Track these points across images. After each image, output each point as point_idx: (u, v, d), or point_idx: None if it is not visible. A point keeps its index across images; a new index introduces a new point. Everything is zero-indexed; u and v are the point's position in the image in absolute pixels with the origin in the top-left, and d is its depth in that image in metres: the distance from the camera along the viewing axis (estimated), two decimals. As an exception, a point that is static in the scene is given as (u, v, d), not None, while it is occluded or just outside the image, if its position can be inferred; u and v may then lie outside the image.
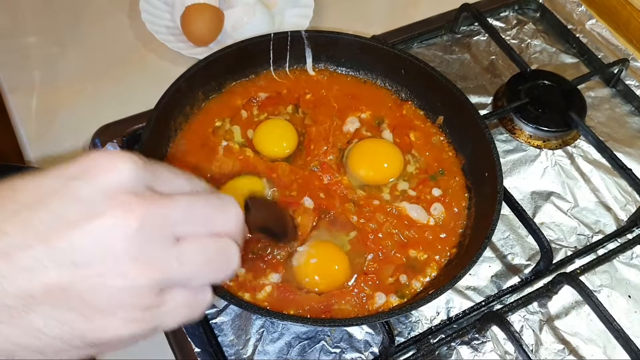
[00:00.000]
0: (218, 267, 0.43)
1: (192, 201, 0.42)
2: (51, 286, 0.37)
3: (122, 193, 0.39)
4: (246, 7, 0.99)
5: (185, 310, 0.43)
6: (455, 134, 0.85)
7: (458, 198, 0.80)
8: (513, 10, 1.12)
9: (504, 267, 0.82)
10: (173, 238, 0.40)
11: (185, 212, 0.41)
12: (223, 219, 0.43)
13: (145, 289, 0.39)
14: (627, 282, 0.83)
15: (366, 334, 0.74)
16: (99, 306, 0.38)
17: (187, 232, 0.41)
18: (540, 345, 0.76)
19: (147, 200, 0.39)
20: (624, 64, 1.01)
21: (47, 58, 0.99)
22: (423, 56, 1.03)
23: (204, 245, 0.42)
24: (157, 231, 0.39)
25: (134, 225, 0.38)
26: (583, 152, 0.94)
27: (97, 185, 0.39)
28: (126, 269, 0.38)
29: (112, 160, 0.39)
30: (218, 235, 0.43)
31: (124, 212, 0.38)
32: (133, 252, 0.38)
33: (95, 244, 0.38)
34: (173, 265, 0.40)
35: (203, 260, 0.42)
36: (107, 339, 0.40)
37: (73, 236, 0.37)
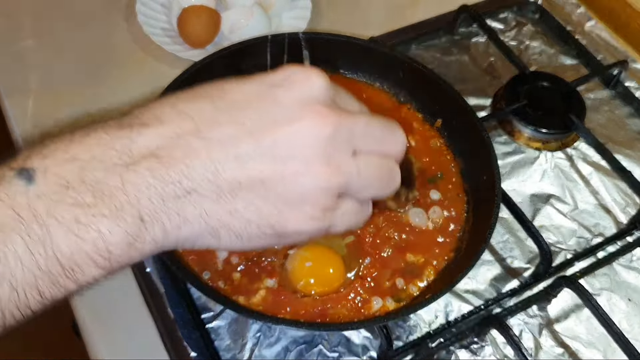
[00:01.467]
0: (385, 183, 0.49)
1: (370, 121, 0.47)
2: (254, 177, 0.42)
3: (317, 103, 0.44)
4: (243, 9, 0.98)
5: (352, 217, 0.48)
6: (454, 137, 0.84)
7: (456, 201, 0.79)
8: (512, 12, 1.12)
9: (503, 270, 0.82)
10: (353, 150, 0.45)
11: (365, 129, 0.46)
12: (392, 141, 0.49)
13: (330, 190, 0.44)
14: (627, 285, 0.82)
15: (364, 338, 0.74)
16: (290, 200, 0.44)
17: (364, 147, 0.46)
18: (540, 349, 0.76)
19: (337, 112, 0.44)
20: (623, 66, 1.01)
21: (43, 61, 0.99)
22: (421, 58, 1.02)
23: (377, 161, 0.47)
24: (345, 141, 0.44)
25: (327, 132, 0.43)
26: (582, 154, 0.94)
27: (296, 93, 0.44)
28: (318, 170, 0.43)
29: (307, 73, 0.45)
30: (386, 154, 0.48)
31: (319, 120, 0.43)
32: (325, 156, 0.43)
33: (293, 144, 0.43)
34: (353, 173, 0.45)
35: (375, 174, 0.47)
36: (290, 231, 0.45)
37: (276, 135, 0.43)
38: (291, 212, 0.44)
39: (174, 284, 0.74)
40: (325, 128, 0.43)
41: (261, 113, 0.43)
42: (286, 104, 0.44)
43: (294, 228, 0.45)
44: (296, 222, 0.45)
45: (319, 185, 0.44)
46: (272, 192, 0.43)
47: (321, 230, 0.47)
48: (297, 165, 0.43)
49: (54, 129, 0.87)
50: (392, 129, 0.49)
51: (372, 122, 0.47)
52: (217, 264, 0.72)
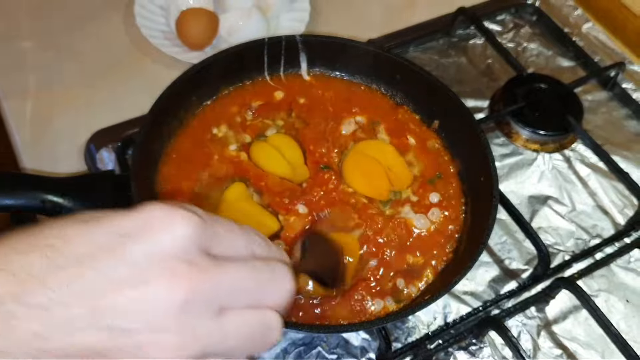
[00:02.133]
0: (259, 341, 0.42)
1: (241, 272, 0.40)
2: (87, 349, 0.36)
3: (173, 259, 0.37)
4: (241, 12, 0.98)
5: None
6: (451, 139, 0.85)
7: (454, 203, 0.80)
8: (509, 14, 1.12)
9: (501, 271, 0.82)
10: (218, 309, 0.39)
11: (234, 285, 0.40)
12: (272, 293, 0.42)
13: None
14: (625, 286, 0.82)
15: (363, 339, 0.74)
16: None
17: (233, 303, 0.40)
18: (538, 351, 0.76)
19: (197, 271, 0.38)
20: (620, 68, 1.01)
21: (42, 63, 0.99)
22: (419, 60, 1.02)
23: (248, 320, 0.41)
24: (203, 304, 0.38)
25: (180, 297, 0.37)
26: (580, 156, 0.94)
27: (149, 247, 0.37)
28: (167, 341, 0.37)
29: (170, 218, 0.38)
30: (263, 307, 0.42)
31: (171, 283, 0.37)
32: (176, 324, 0.37)
33: (137, 312, 0.37)
34: (215, 339, 0.39)
35: (246, 334, 0.41)
36: None
37: (116, 301, 0.36)
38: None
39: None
40: (179, 292, 0.37)
41: (102, 273, 0.37)
42: (135, 261, 0.37)
43: None
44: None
45: (168, 357, 0.37)
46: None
47: None
48: (140, 336, 0.36)
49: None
50: (273, 277, 0.42)
51: (246, 274, 0.41)
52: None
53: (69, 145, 0.88)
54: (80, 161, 0.87)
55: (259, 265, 0.42)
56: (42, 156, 0.88)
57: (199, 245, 0.39)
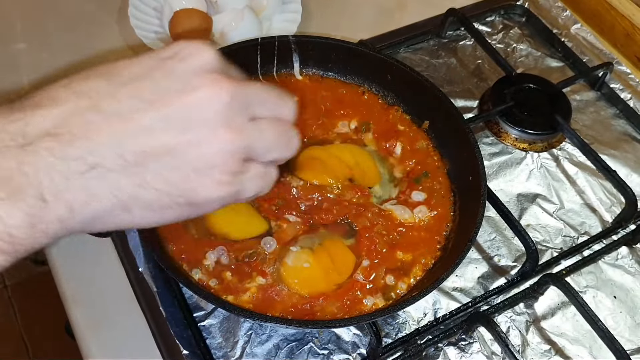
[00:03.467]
0: (285, 144, 0.50)
1: (263, 88, 0.49)
2: (160, 146, 0.42)
3: (211, 71, 0.44)
4: (234, 12, 0.99)
5: (259, 181, 0.49)
6: (441, 138, 0.86)
7: (443, 201, 0.81)
8: (499, 15, 1.13)
9: (490, 268, 0.83)
10: (252, 115, 0.46)
11: (259, 96, 0.47)
12: (286, 107, 0.50)
13: (235, 153, 0.45)
14: (613, 282, 0.84)
15: (354, 335, 0.75)
16: (198, 167, 0.44)
17: (260, 113, 0.47)
18: (527, 346, 0.77)
19: (232, 80, 0.45)
20: (608, 68, 1.02)
21: (36, 64, 0.99)
22: (410, 61, 1.04)
23: (275, 124, 0.48)
24: (243, 107, 0.45)
25: (225, 98, 0.44)
26: (568, 155, 0.95)
27: (190, 64, 0.44)
28: (222, 134, 0.44)
29: (197, 45, 0.46)
30: (281, 118, 0.49)
31: (216, 87, 0.44)
32: (225, 121, 0.44)
33: (195, 112, 0.43)
34: (255, 135, 0.46)
35: (276, 135, 0.48)
36: (202, 199, 0.45)
37: (176, 104, 0.43)
38: (200, 179, 0.44)
39: (166, 284, 0.75)
40: (224, 94, 0.44)
41: (158, 84, 0.43)
42: (181, 74, 0.44)
43: (205, 195, 0.45)
44: (206, 189, 0.45)
45: (224, 149, 0.44)
46: (180, 160, 0.43)
47: (231, 195, 0.47)
48: (201, 131, 0.43)
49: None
50: (283, 96, 0.50)
51: (265, 88, 0.49)
52: (207, 263, 0.72)
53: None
54: (75, 161, 0.87)
55: (272, 87, 0.50)
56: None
57: (224, 67, 0.46)
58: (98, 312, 0.76)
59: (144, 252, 0.75)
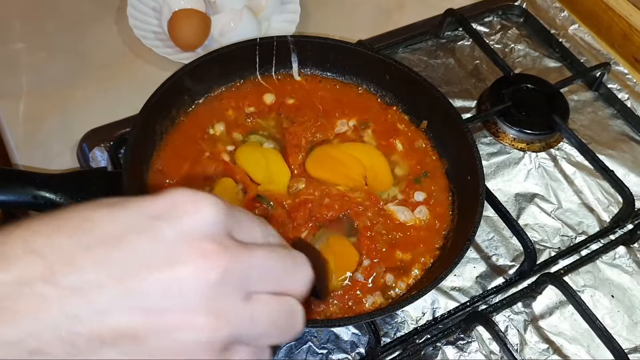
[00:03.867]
0: (285, 329, 0.42)
1: (269, 257, 0.41)
2: (121, 331, 0.35)
3: (205, 240, 0.37)
4: (233, 13, 0.99)
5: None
6: (439, 138, 0.86)
7: (441, 201, 0.81)
8: (497, 16, 1.14)
9: (489, 268, 0.83)
10: (246, 293, 0.39)
11: (261, 269, 0.40)
12: (294, 279, 0.42)
13: (214, 344, 0.37)
14: (610, 282, 0.84)
15: (352, 334, 0.75)
16: (165, 356, 0.37)
17: (260, 289, 0.40)
18: (525, 345, 0.77)
19: (229, 252, 0.38)
20: (605, 68, 1.03)
21: (35, 63, 0.99)
22: (408, 61, 1.04)
23: (274, 305, 0.41)
24: (236, 285, 0.38)
25: (213, 277, 0.37)
26: (566, 155, 0.96)
27: (180, 227, 0.37)
28: (200, 321, 0.37)
29: (196, 201, 0.38)
30: (287, 293, 0.42)
31: (205, 263, 0.37)
32: (209, 305, 0.37)
33: (171, 292, 0.36)
34: (245, 322, 0.39)
35: (273, 321, 0.40)
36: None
37: (150, 281, 0.36)
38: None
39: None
40: (211, 272, 0.37)
41: (134, 253, 0.36)
42: (166, 241, 0.37)
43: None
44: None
45: (200, 339, 0.37)
46: (144, 349, 0.36)
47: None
48: (174, 316, 0.36)
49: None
50: (296, 264, 0.43)
51: (271, 259, 0.41)
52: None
53: (61, 144, 0.89)
54: (73, 160, 0.87)
55: (283, 252, 0.42)
56: (35, 156, 0.88)
57: (226, 229, 0.39)
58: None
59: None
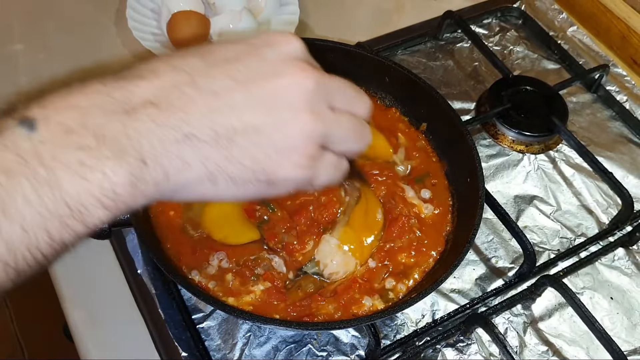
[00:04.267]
0: (359, 137, 0.52)
1: (344, 83, 0.51)
2: (249, 124, 0.45)
3: (298, 60, 0.47)
4: (232, 14, 0.99)
5: (332, 170, 0.51)
6: (438, 140, 0.86)
7: (442, 203, 0.81)
8: (496, 18, 1.14)
9: (488, 270, 0.83)
10: (332, 106, 0.49)
11: (339, 89, 0.50)
12: (361, 102, 0.52)
13: (314, 137, 0.47)
14: (609, 284, 0.84)
15: (352, 337, 0.75)
16: (281, 147, 0.46)
17: (338, 104, 0.49)
18: (525, 347, 0.77)
19: (317, 70, 0.48)
20: (604, 70, 1.03)
21: (33, 65, 0.99)
22: (407, 63, 1.04)
23: (351, 117, 0.50)
24: (324, 95, 0.48)
25: (311, 85, 0.46)
26: (565, 157, 0.96)
27: (279, 51, 0.47)
28: (305, 118, 0.46)
29: (286, 35, 0.49)
30: (356, 113, 0.51)
31: (302, 74, 0.46)
32: (308, 106, 0.46)
33: (282, 95, 0.46)
34: (334, 123, 0.48)
35: (352, 127, 0.50)
36: (281, 178, 0.47)
37: (266, 86, 0.46)
38: (282, 159, 0.46)
39: (165, 286, 0.75)
40: (309, 82, 0.46)
41: (250, 67, 0.46)
42: (271, 60, 0.47)
43: (284, 175, 0.47)
44: (286, 169, 0.47)
45: (306, 132, 0.46)
46: (264, 139, 0.45)
47: (306, 179, 0.49)
48: (287, 113, 0.46)
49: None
50: (360, 93, 0.52)
51: (344, 83, 0.51)
52: (209, 267, 0.73)
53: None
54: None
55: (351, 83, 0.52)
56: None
57: (310, 58, 0.49)
58: (96, 314, 0.76)
59: (143, 254, 0.75)
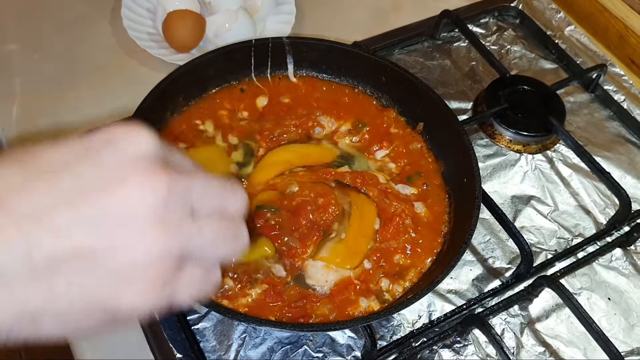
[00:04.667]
0: (231, 243, 0.44)
1: (208, 179, 0.43)
2: (77, 250, 0.37)
3: (145, 161, 0.39)
4: (228, 14, 0.99)
5: (198, 286, 0.43)
6: (435, 140, 0.86)
7: (438, 203, 0.81)
8: (493, 17, 1.13)
9: (485, 270, 0.83)
10: (191, 211, 0.41)
11: (202, 188, 0.42)
12: (233, 199, 0.45)
13: (168, 258, 0.39)
14: (607, 284, 0.84)
15: (348, 338, 0.75)
16: (122, 273, 0.38)
17: (202, 207, 0.42)
18: (522, 348, 0.77)
19: (170, 171, 0.39)
20: (602, 70, 1.02)
21: (28, 65, 0.99)
22: (404, 62, 1.04)
23: (219, 220, 0.43)
24: (181, 201, 0.40)
25: (160, 192, 0.38)
26: (562, 157, 0.95)
27: (122, 152, 0.39)
28: (151, 235, 0.38)
29: (132, 131, 0.40)
30: (228, 213, 0.44)
31: (150, 180, 0.38)
32: (158, 219, 0.38)
33: (121, 210, 0.38)
34: (194, 235, 0.41)
35: (219, 234, 0.43)
36: (125, 309, 0.39)
37: (100, 201, 0.37)
38: (124, 287, 0.38)
39: (160, 286, 0.74)
40: (158, 188, 0.38)
41: (82, 177, 0.38)
42: (111, 164, 0.38)
43: (128, 305, 0.39)
44: (130, 298, 0.39)
45: (155, 252, 0.38)
46: (100, 265, 0.37)
47: (161, 302, 0.41)
48: (127, 232, 0.38)
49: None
50: (231, 187, 0.46)
51: (209, 180, 0.43)
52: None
53: (55, 146, 0.88)
54: (67, 162, 0.87)
55: (218, 178, 0.45)
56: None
57: (163, 155, 0.40)
58: (91, 315, 0.75)
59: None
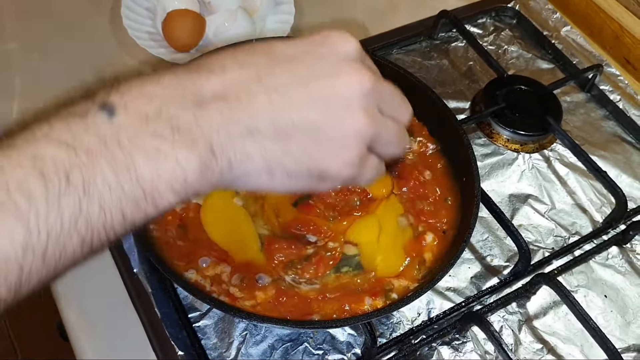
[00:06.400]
0: (401, 142, 0.53)
1: (395, 89, 0.52)
2: (308, 120, 0.47)
3: (356, 61, 0.49)
4: (228, 13, 0.99)
5: (373, 172, 0.52)
6: (434, 140, 0.86)
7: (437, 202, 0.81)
8: (490, 17, 1.14)
9: (483, 268, 0.84)
10: (380, 110, 0.50)
11: (389, 92, 0.51)
12: (406, 111, 0.54)
13: (365, 138, 0.48)
14: (603, 282, 0.85)
15: (349, 335, 0.75)
16: (335, 144, 0.48)
17: (385, 109, 0.50)
18: (520, 345, 0.78)
19: (373, 72, 0.49)
20: (598, 70, 1.03)
21: (28, 64, 0.99)
22: (402, 62, 1.04)
23: (394, 123, 0.52)
24: (377, 99, 0.49)
25: (366, 87, 0.47)
26: (559, 156, 0.96)
27: (338, 51, 0.49)
28: (359, 117, 0.47)
29: (344, 36, 0.50)
30: (399, 120, 0.53)
31: (359, 76, 0.48)
32: (364, 107, 0.48)
33: (340, 94, 0.47)
34: (383, 127, 0.50)
35: (396, 132, 0.52)
36: (331, 174, 0.49)
37: (325, 85, 0.47)
38: (335, 156, 0.48)
39: (161, 285, 0.75)
40: (366, 83, 0.47)
41: (310, 66, 0.48)
42: (330, 60, 0.48)
43: (335, 171, 0.49)
44: (337, 166, 0.49)
45: (360, 132, 0.48)
46: (322, 135, 0.47)
47: (352, 178, 0.50)
48: (343, 112, 0.47)
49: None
50: (406, 101, 0.54)
51: (395, 89, 0.52)
52: (204, 267, 0.72)
53: (55, 145, 0.88)
54: (67, 161, 0.87)
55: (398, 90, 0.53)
56: (28, 156, 0.88)
57: (363, 57, 0.50)
58: (92, 313, 0.75)
59: (139, 254, 0.75)
